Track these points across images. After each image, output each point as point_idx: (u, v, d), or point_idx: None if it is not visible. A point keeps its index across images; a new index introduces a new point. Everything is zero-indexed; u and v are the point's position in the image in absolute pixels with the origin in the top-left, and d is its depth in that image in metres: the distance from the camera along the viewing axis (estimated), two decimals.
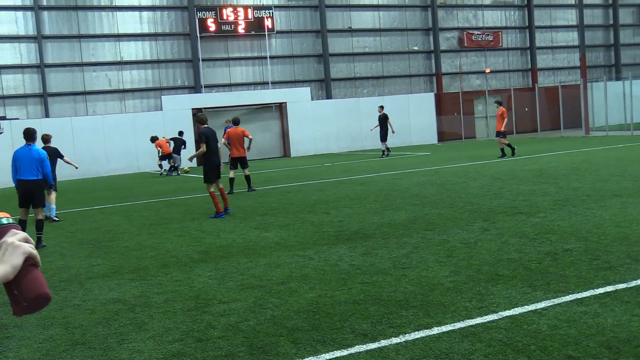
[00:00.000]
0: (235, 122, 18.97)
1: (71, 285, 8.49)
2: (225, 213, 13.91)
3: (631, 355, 4.81)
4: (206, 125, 14.13)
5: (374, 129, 31.53)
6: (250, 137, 18.77)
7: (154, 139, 29.28)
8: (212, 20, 36.07)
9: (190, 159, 15.20)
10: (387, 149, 30.41)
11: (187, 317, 6.67)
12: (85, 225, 14.32)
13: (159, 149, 29.02)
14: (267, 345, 5.65)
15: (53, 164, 15.97)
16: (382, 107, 30.67)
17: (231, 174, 18.70)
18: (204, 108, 35.34)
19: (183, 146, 29.55)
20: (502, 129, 24.28)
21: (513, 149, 24.20)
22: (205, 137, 13.88)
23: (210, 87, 36.68)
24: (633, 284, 6.58)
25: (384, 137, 30.07)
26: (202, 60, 36.11)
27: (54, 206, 15.85)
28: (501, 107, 24.79)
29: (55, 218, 15.73)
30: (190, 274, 8.63)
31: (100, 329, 6.50)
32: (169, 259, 9.77)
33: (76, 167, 17.98)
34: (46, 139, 16.14)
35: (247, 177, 18.58)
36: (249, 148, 19.05)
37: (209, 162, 14.13)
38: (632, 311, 5.74)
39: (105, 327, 6.55)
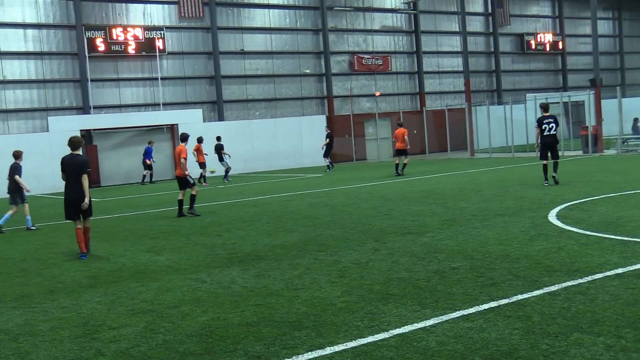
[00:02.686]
0: (182, 138, 17.66)
1: None
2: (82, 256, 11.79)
3: None
4: (75, 152, 11.91)
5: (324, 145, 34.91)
6: (182, 158, 17.12)
7: (200, 140, 29.05)
8: (102, 40, 35.24)
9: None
10: (331, 163, 34.10)
11: (75, 344, 6.47)
12: None
13: (195, 152, 28.90)
14: None
15: (10, 180, 17.05)
16: (328, 127, 35.76)
17: (179, 195, 17.49)
18: (93, 129, 34.44)
19: (223, 150, 31.11)
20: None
21: (404, 166, 26.65)
22: (62, 166, 11.92)
23: (100, 108, 35.76)
24: (514, 299, 6.88)
25: (327, 153, 34.18)
26: (91, 80, 35.19)
27: (29, 217, 17.10)
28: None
29: (32, 227, 16.92)
30: (78, 300, 8.37)
31: None
32: (56, 285, 9.45)
33: (27, 191, 17.36)
34: (16, 155, 17.23)
35: (191, 197, 17.28)
36: (185, 172, 17.28)
37: (65, 195, 12.03)
38: (513, 325, 6.01)
39: None
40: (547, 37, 52.72)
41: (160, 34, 36.76)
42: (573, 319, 6.08)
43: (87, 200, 11.71)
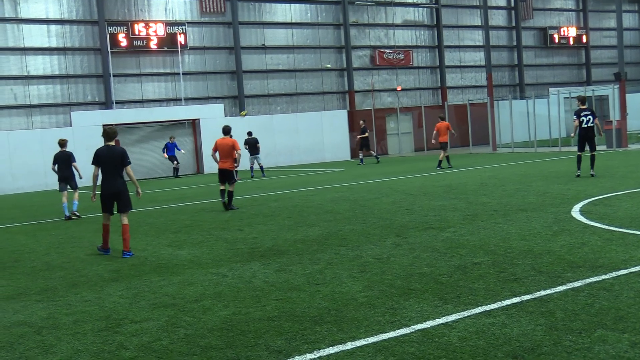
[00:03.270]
0: (225, 131, 17.33)
1: None
2: (125, 256, 11.14)
3: None
4: (110, 143, 11.42)
5: (358, 139, 34.80)
6: (239, 151, 17.12)
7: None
8: (124, 35, 35.45)
9: (93, 197, 12.06)
10: (376, 156, 34.82)
11: (98, 338, 6.51)
12: None
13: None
14: None
15: (67, 167, 17.79)
16: (364, 121, 35.34)
17: (221, 186, 17.22)
18: (116, 124, 34.63)
19: (257, 144, 31.37)
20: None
21: (440, 162, 27.00)
22: (96, 158, 11.44)
23: (122, 103, 36.01)
24: (537, 294, 6.83)
25: (368, 146, 34.10)
26: (113, 75, 35.43)
27: (76, 202, 17.88)
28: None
29: (77, 213, 17.69)
30: (100, 294, 8.43)
31: (3, 353, 6.26)
32: (79, 279, 9.52)
33: (80, 177, 18.23)
34: (62, 143, 17.94)
35: (230, 194, 17.05)
36: (237, 164, 17.66)
37: (102, 188, 11.46)
38: (536, 321, 5.96)
39: (9, 351, 6.32)
40: (571, 31, 52.19)
41: (182, 29, 36.89)
42: (597, 315, 6.02)
43: (140, 190, 11.89)
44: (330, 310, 6.88)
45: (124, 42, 35.48)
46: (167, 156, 34.31)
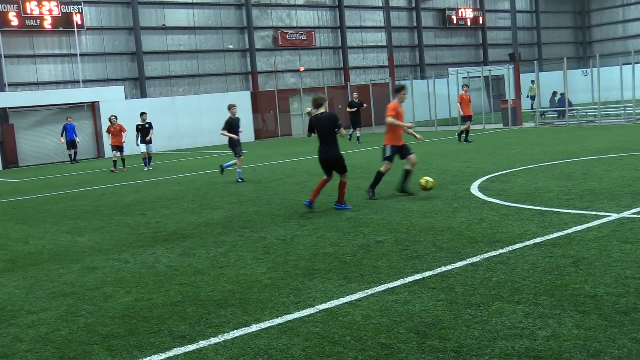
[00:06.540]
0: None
1: None
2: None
3: (436, 337, 5.12)
4: (320, 110, 12.47)
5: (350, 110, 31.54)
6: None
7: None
8: (14, 14, 33.87)
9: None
10: (350, 135, 31.32)
11: None
12: None
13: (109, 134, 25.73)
14: (81, 355, 5.43)
15: (236, 133, 17.67)
16: (357, 95, 32.15)
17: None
18: (9, 108, 33.27)
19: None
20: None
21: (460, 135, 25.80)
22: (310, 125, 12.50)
23: (15, 85, 34.52)
24: (438, 270, 7.00)
25: (358, 123, 30.77)
26: (5, 56, 33.89)
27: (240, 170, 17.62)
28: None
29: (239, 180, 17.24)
30: None
31: None
32: None
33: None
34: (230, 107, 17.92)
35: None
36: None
37: (318, 154, 12.63)
38: (437, 296, 6.10)
39: None
40: (468, 12, 53.55)
41: (78, 8, 35.63)
42: (494, 288, 6.22)
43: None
44: (234, 293, 6.84)
45: (15, 21, 33.93)
46: (64, 140, 32.83)
